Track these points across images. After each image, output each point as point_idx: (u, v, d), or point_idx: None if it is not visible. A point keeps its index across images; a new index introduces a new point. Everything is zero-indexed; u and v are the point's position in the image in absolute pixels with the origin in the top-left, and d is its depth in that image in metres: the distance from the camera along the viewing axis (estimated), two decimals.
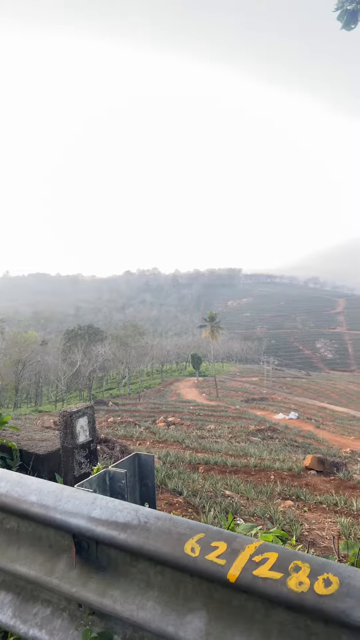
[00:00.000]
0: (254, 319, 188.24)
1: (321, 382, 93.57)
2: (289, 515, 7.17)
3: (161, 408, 42.64)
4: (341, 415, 57.67)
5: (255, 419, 38.73)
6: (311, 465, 12.19)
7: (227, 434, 23.65)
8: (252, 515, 7.20)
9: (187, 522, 1.71)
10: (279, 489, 9.47)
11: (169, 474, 8.93)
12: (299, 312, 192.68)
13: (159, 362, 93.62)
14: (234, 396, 63.90)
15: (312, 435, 32.63)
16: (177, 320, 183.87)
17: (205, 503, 7.14)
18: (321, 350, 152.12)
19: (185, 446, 15.80)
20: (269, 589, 1.42)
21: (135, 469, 2.57)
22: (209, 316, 79.70)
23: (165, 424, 26.97)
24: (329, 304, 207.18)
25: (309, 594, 1.36)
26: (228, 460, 12.32)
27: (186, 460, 11.77)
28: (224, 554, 1.54)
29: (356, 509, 8.25)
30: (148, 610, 1.63)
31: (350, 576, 1.37)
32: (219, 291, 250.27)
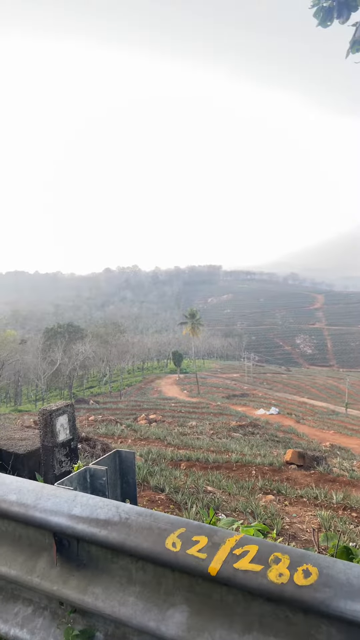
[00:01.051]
0: (234, 316, 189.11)
1: (301, 377, 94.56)
2: (271, 510, 7.22)
3: (143, 405, 42.56)
4: (321, 409, 58.42)
5: (236, 415, 38.97)
6: (292, 459, 12.31)
7: (208, 431, 23.73)
8: (234, 510, 7.24)
9: (168, 518, 1.71)
10: (260, 483, 9.54)
11: (151, 471, 8.92)
12: (278, 308, 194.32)
13: (140, 360, 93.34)
14: (215, 392, 64.16)
15: (292, 430, 32.99)
16: (158, 317, 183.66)
17: (188, 499, 7.15)
18: (301, 346, 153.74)
19: (167, 443, 15.79)
20: (249, 581, 1.43)
21: (116, 466, 2.56)
22: (190, 313, 79.76)
23: (147, 421, 26.95)
24: (308, 300, 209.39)
25: (289, 585, 1.38)
26: (210, 457, 12.35)
27: (168, 457, 11.76)
28: (205, 547, 1.54)
29: (336, 501, 8.36)
30: (130, 606, 1.63)
31: (328, 566, 1.39)
32: (199, 288, 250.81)
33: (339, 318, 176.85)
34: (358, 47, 4.21)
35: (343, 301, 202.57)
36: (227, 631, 1.47)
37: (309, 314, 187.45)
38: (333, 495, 8.62)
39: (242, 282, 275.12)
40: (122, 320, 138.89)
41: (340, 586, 1.36)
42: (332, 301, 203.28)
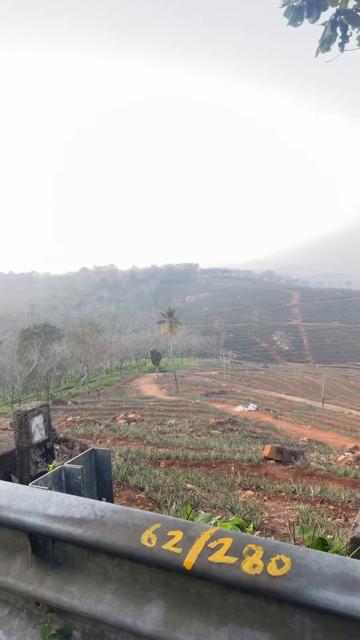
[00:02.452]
0: (211, 314, 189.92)
1: (278, 373, 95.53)
2: (250, 505, 7.28)
3: (121, 405, 42.39)
4: (298, 405, 59.13)
5: (215, 412, 39.15)
6: (270, 455, 12.41)
7: (187, 428, 23.78)
8: (213, 507, 7.27)
9: (143, 514, 1.71)
10: (239, 479, 9.60)
11: (130, 470, 8.89)
12: (255, 306, 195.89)
13: (118, 359, 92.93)
14: (194, 390, 64.34)
15: (270, 425, 33.32)
16: (136, 316, 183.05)
17: (167, 497, 7.16)
18: (278, 343, 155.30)
19: (146, 442, 15.76)
20: (224, 574, 1.44)
21: (92, 465, 2.54)
22: (167, 311, 79.76)
23: (126, 420, 26.83)
24: (284, 297, 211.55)
25: (263, 575, 1.40)
26: (189, 454, 12.38)
27: (147, 456, 11.74)
28: (180, 542, 1.55)
29: (313, 495, 8.47)
30: (106, 604, 1.63)
31: (301, 556, 1.41)
32: (177, 286, 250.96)
33: (315, 314, 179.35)
34: (327, 46, 4.26)
35: (318, 298, 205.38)
36: (204, 624, 1.48)
37: (285, 311, 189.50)
38: (311, 489, 8.74)
39: (219, 280, 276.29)
40: (99, 319, 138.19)
41: (312, 575, 1.38)
42: (308, 298, 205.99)
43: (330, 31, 4.20)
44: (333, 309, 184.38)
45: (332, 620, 1.36)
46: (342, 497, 8.29)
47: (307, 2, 4.30)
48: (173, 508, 6.28)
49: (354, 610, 1.31)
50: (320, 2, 4.30)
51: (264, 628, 1.42)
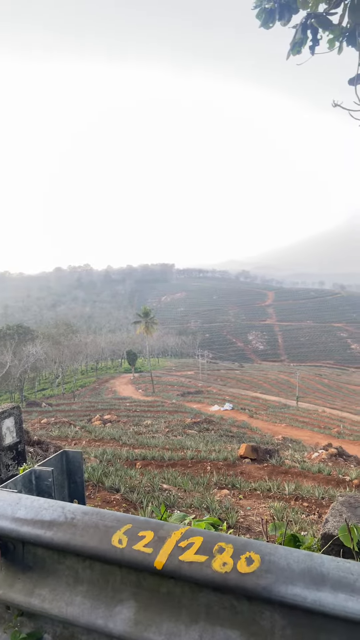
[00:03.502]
0: (187, 314, 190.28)
1: (254, 372, 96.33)
2: (225, 504, 7.32)
3: (97, 406, 42.08)
4: (273, 404, 59.74)
5: (191, 412, 39.23)
6: (245, 453, 12.50)
7: (164, 429, 23.76)
8: (189, 506, 7.28)
9: (114, 515, 1.71)
10: (215, 479, 9.64)
11: (106, 472, 8.83)
12: (231, 306, 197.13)
13: (93, 360, 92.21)
14: (170, 390, 64.35)
15: (246, 424, 33.56)
16: (111, 316, 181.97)
17: (143, 498, 7.14)
18: (253, 342, 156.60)
19: (122, 443, 15.69)
20: (194, 573, 1.45)
21: (63, 466, 2.52)
22: (143, 312, 79.51)
23: (102, 422, 26.65)
24: (259, 297, 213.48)
25: (233, 573, 1.40)
26: (165, 454, 12.37)
27: (123, 457, 11.69)
28: (151, 542, 1.55)
29: (288, 493, 8.57)
30: (77, 606, 1.62)
31: (270, 553, 1.42)
32: (153, 286, 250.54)
33: (289, 314, 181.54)
34: (298, 49, 4.30)
35: (292, 298, 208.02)
36: (174, 623, 1.48)
37: (260, 310, 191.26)
38: (285, 487, 8.83)
39: (195, 280, 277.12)
40: (74, 320, 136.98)
41: (281, 571, 1.40)
42: (282, 298, 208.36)
43: (301, 34, 4.23)
44: (307, 309, 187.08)
45: (301, 615, 1.38)
46: (316, 494, 8.42)
47: (279, 5, 4.33)
48: (149, 509, 6.26)
49: (321, 605, 1.33)
50: (291, 5, 4.34)
51: (234, 625, 1.42)
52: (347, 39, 4.22)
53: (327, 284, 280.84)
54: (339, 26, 4.14)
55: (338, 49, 4.27)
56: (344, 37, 4.21)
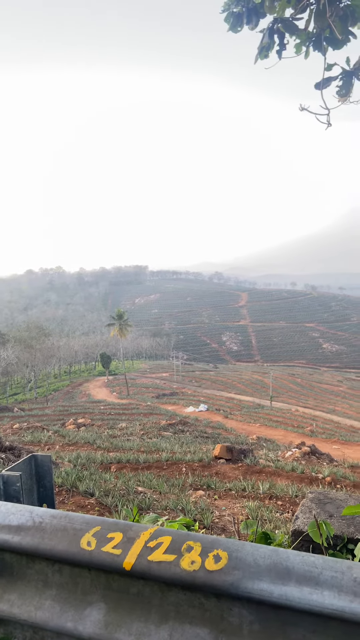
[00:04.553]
0: (162, 315, 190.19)
1: (228, 373, 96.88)
2: (201, 505, 7.33)
3: (71, 410, 41.58)
4: (247, 404, 60.22)
5: (166, 414, 39.19)
6: (220, 454, 12.55)
7: (138, 431, 23.64)
8: (164, 508, 7.27)
9: (83, 518, 1.70)
10: (190, 480, 9.65)
11: (80, 476, 8.74)
12: (205, 307, 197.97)
13: (66, 363, 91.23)
14: (145, 393, 64.15)
15: (221, 425, 33.70)
16: (85, 319, 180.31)
17: (118, 502, 7.09)
18: (227, 343, 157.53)
19: (96, 447, 15.54)
20: (163, 572, 1.46)
21: (32, 471, 2.49)
22: (117, 314, 79.07)
23: (76, 426, 26.35)
24: (233, 298, 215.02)
25: (201, 571, 1.42)
26: (140, 457, 12.32)
27: (98, 460, 11.59)
28: (120, 543, 1.55)
29: (262, 492, 8.65)
30: (46, 610, 1.61)
31: (237, 549, 1.44)
32: (126, 288, 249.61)
33: (262, 315, 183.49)
34: (265, 53, 4.35)
35: (265, 298, 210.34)
36: (144, 623, 1.49)
37: (234, 311, 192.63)
38: (260, 486, 8.91)
39: (168, 282, 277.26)
40: (46, 323, 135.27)
41: (247, 567, 1.42)
42: (255, 299, 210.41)
43: (268, 38, 4.28)
44: (279, 309, 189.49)
45: (268, 610, 1.40)
46: (290, 492, 8.52)
47: (247, 9, 4.38)
48: (124, 513, 6.23)
49: (287, 599, 1.35)
50: (258, 9, 4.39)
51: (203, 623, 1.44)
52: (313, 43, 4.29)
53: (299, 285, 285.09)
54: (305, 31, 4.21)
55: (305, 53, 4.34)
56: (311, 42, 4.28)
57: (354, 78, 4.64)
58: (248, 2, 4.32)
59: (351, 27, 4.09)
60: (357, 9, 4.01)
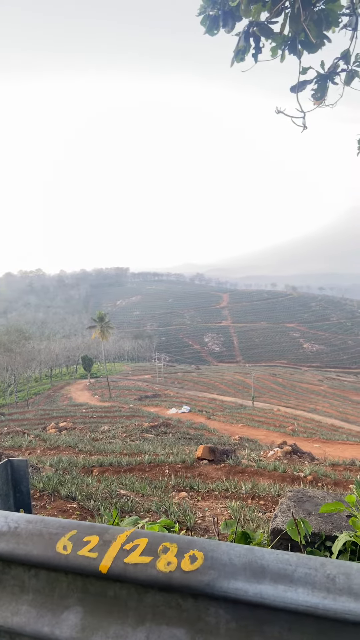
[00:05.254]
0: (143, 317, 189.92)
1: (210, 374, 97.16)
2: (184, 506, 7.34)
3: (52, 414, 41.25)
4: (230, 404, 60.47)
5: (149, 416, 39.15)
6: (203, 455, 12.59)
7: (121, 434, 23.58)
8: (147, 510, 7.25)
9: (58, 522, 1.69)
10: (173, 481, 9.65)
11: (62, 480, 8.67)
12: (186, 309, 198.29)
13: (47, 367, 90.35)
14: (127, 395, 63.95)
15: (203, 426, 33.79)
16: (66, 322, 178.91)
17: (100, 505, 7.06)
18: (209, 344, 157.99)
19: (78, 450, 15.45)
20: (139, 574, 1.45)
21: (8, 476, 2.46)
22: (98, 316, 78.67)
23: (57, 429, 26.16)
24: (214, 299, 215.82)
25: (177, 572, 1.42)
26: (123, 460, 12.28)
27: (80, 464, 11.51)
28: (96, 547, 1.54)
29: (245, 492, 8.70)
30: (23, 615, 1.59)
31: (213, 549, 1.45)
32: (108, 291, 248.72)
33: (243, 315, 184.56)
34: (241, 56, 4.39)
35: (246, 299, 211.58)
36: (121, 626, 1.48)
37: (215, 312, 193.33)
38: (242, 486, 8.96)
39: (150, 284, 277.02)
40: (27, 326, 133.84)
41: (223, 567, 1.42)
42: (237, 300, 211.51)
43: (244, 42, 4.31)
44: (260, 310, 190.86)
45: (244, 609, 1.41)
46: (272, 491, 8.59)
47: (223, 12, 4.41)
48: (105, 516, 6.20)
49: (262, 597, 1.37)
50: (234, 13, 4.42)
51: (180, 623, 1.44)
52: (288, 47, 4.34)
53: (280, 286, 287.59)
54: (280, 35, 4.25)
55: (281, 57, 4.38)
56: (286, 45, 4.32)
57: (328, 82, 4.71)
58: (224, 5, 4.34)
59: (326, 31, 4.15)
60: (331, 13, 4.06)
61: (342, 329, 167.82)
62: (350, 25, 4.39)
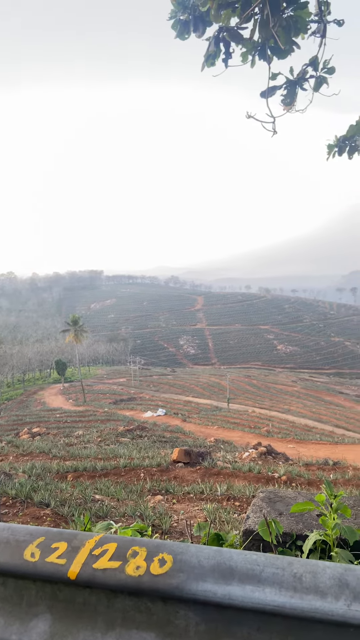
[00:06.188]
0: (118, 320, 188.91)
1: (186, 377, 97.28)
2: (159, 510, 7.32)
3: (25, 419, 40.60)
4: (205, 407, 60.65)
5: (124, 419, 38.90)
6: (178, 458, 12.58)
7: (96, 438, 23.38)
8: (122, 515, 7.21)
9: (26, 529, 1.67)
10: (148, 485, 9.62)
11: (35, 486, 8.55)
12: (161, 311, 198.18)
13: (20, 372, 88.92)
14: (102, 399, 63.48)
15: (179, 429, 33.78)
16: (38, 325, 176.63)
17: (75, 511, 6.99)
18: (184, 347, 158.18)
19: (52, 456, 15.25)
20: (108, 579, 1.45)
21: None
22: (72, 320, 77.89)
23: (30, 435, 25.75)
24: (189, 301, 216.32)
25: (146, 576, 1.42)
26: (97, 465, 12.19)
27: (53, 470, 11.37)
28: (65, 553, 1.53)
29: (220, 493, 8.73)
30: None
31: (182, 552, 1.45)
32: (81, 294, 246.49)
33: (218, 318, 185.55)
34: (212, 61, 4.42)
35: (221, 302, 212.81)
36: (91, 632, 1.47)
37: (190, 315, 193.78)
38: (218, 488, 8.99)
39: (124, 287, 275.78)
40: None
41: (192, 569, 1.43)
42: (211, 302, 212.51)
43: (214, 47, 4.35)
44: (235, 312, 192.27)
45: (213, 610, 1.42)
46: (247, 492, 8.64)
47: (193, 17, 4.43)
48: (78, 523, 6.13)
49: (230, 598, 1.37)
50: (205, 18, 4.46)
51: (150, 627, 1.44)
52: (258, 53, 4.39)
53: (253, 288, 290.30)
54: (250, 40, 4.30)
55: (251, 62, 4.43)
56: (256, 51, 4.37)
57: (297, 87, 4.80)
58: (194, 10, 4.38)
59: (294, 38, 4.22)
60: (300, 20, 4.13)
61: (315, 331, 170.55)
62: (318, 32, 4.48)
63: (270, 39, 4.22)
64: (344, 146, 5.16)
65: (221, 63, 4.46)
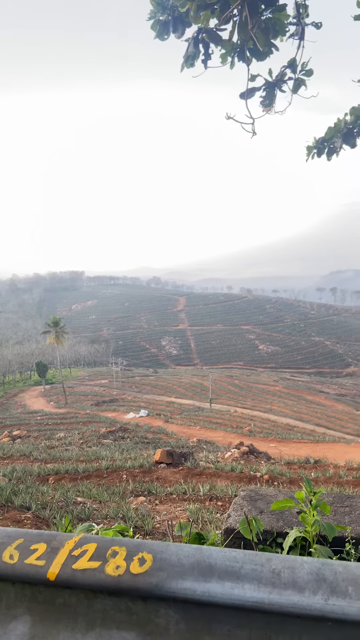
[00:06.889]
0: (100, 321, 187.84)
1: (168, 377, 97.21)
2: (142, 511, 7.30)
3: (5, 422, 40.10)
4: (187, 407, 60.72)
5: (106, 421, 38.71)
6: (161, 459, 12.56)
7: (77, 440, 23.21)
8: (105, 517, 7.17)
9: (4, 531, 1.65)
10: (131, 487, 9.58)
11: (15, 490, 8.45)
12: (143, 312, 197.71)
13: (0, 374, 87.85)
14: (84, 401, 63.08)
15: (162, 430, 33.75)
16: (19, 327, 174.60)
17: (56, 514, 6.93)
18: (166, 348, 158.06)
19: (33, 459, 15.08)
20: (88, 580, 1.44)
21: None
22: (53, 321, 77.28)
23: (10, 438, 25.45)
24: (171, 302, 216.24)
25: (126, 575, 1.42)
26: (79, 467, 12.09)
27: (34, 473, 11.24)
28: (44, 554, 1.52)
29: (203, 494, 8.74)
30: None
31: (162, 551, 1.45)
32: (62, 295, 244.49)
33: (200, 318, 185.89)
34: (191, 62, 4.43)
35: (202, 302, 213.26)
36: (71, 632, 1.46)
37: (172, 316, 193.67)
38: (200, 488, 8.99)
39: (106, 288, 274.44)
40: None
41: (172, 567, 1.43)
42: (193, 303, 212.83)
43: (193, 48, 4.36)
44: (217, 313, 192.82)
45: (193, 608, 1.42)
46: (229, 492, 8.66)
47: (172, 18, 4.44)
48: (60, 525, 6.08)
49: (210, 596, 1.38)
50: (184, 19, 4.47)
51: (130, 627, 1.43)
52: (237, 54, 4.42)
53: (235, 289, 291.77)
54: (229, 42, 4.32)
55: (230, 64, 4.46)
56: (235, 52, 4.40)
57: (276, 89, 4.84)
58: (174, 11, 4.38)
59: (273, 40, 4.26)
60: (278, 22, 4.17)
61: (296, 330, 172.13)
62: (296, 34, 4.53)
63: (249, 40, 4.25)
64: (323, 148, 5.23)
65: (201, 64, 4.49)
